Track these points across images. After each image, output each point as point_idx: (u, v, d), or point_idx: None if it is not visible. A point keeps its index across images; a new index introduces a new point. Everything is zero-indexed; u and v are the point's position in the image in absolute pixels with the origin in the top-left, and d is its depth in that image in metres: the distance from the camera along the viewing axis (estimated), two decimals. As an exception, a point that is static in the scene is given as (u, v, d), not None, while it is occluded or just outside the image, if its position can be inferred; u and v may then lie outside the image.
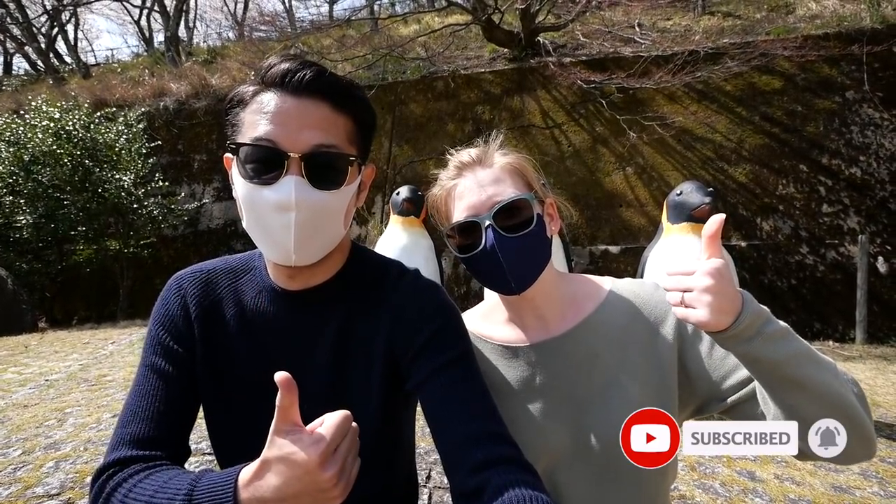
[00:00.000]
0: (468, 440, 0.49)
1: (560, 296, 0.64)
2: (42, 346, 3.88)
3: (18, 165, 5.44)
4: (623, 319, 0.60)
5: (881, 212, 4.34)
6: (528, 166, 0.63)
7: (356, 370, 0.56)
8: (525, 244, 0.57)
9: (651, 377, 0.58)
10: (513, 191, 0.58)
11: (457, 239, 0.61)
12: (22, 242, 5.69)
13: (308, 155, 0.50)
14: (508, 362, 0.63)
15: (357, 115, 0.54)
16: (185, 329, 0.58)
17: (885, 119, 4.44)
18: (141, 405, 0.54)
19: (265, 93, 0.51)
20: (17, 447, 1.87)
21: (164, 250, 6.33)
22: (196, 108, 6.66)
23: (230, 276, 0.61)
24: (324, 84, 0.51)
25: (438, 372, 0.53)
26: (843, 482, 1.64)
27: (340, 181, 0.52)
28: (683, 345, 0.59)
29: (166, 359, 0.56)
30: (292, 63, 0.51)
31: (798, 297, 4.37)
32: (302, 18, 10.35)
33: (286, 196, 0.49)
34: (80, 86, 8.24)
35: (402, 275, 0.60)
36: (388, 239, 2.96)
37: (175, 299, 0.59)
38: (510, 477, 0.45)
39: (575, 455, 0.58)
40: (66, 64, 11.25)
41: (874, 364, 3.28)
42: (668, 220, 2.26)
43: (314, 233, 0.51)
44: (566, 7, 5.58)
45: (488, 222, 0.57)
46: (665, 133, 4.71)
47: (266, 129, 0.49)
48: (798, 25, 5.09)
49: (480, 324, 0.68)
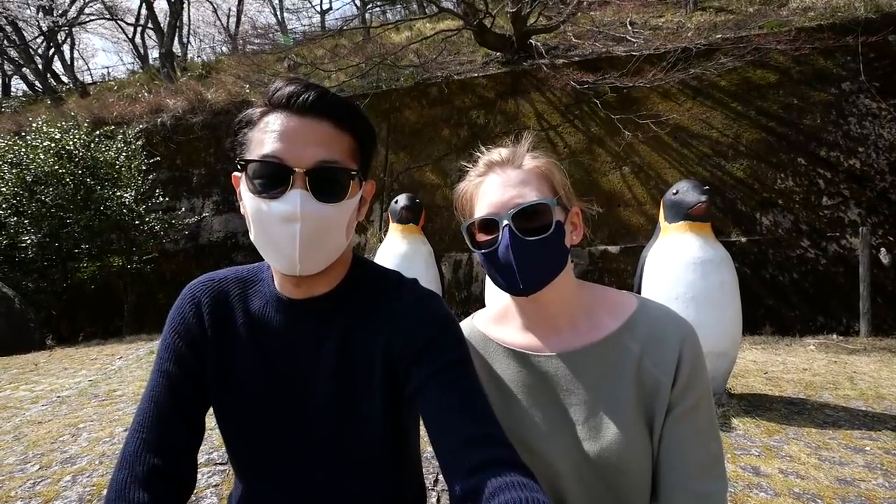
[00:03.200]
0: (464, 443, 0.49)
1: (577, 307, 0.64)
2: (51, 364, 3.91)
3: (22, 186, 5.50)
4: (638, 347, 0.60)
5: (882, 203, 4.32)
6: (555, 171, 0.63)
7: (360, 378, 0.58)
8: (539, 248, 0.58)
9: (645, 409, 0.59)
10: (536, 195, 0.59)
11: (477, 234, 0.62)
12: (27, 262, 5.74)
13: (312, 170, 0.52)
14: (518, 367, 0.63)
15: (358, 133, 0.57)
16: (199, 336, 0.60)
17: (882, 109, 4.42)
18: (154, 411, 0.56)
19: (272, 114, 0.54)
20: (34, 462, 1.90)
21: (167, 265, 6.37)
22: (193, 123, 6.71)
23: (240, 285, 0.63)
24: (326, 104, 0.54)
25: (434, 377, 0.54)
26: (847, 475, 1.62)
27: (342, 194, 0.54)
28: (675, 402, 0.59)
29: (179, 365, 0.58)
30: (297, 86, 0.54)
31: (801, 292, 4.36)
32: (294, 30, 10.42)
33: (292, 208, 0.51)
34: (78, 105, 8.31)
35: (400, 284, 0.62)
36: (388, 247, 2.98)
37: (190, 307, 0.61)
38: (507, 479, 0.46)
39: (573, 467, 0.59)
40: (64, 84, 11.34)
41: (879, 356, 3.26)
42: (666, 220, 2.27)
43: (318, 243, 0.53)
44: (557, 9, 5.59)
45: (506, 222, 0.58)
46: (660, 131, 4.71)
47: (273, 146, 0.52)
48: (791, 18, 5.08)
49: (492, 326, 0.68)
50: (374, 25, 7.61)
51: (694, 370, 0.58)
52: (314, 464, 0.58)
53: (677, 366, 0.58)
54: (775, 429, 1.99)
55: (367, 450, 0.58)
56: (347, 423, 0.57)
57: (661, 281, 2.17)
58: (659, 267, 2.20)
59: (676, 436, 0.57)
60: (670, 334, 0.59)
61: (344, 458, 0.58)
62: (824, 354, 3.35)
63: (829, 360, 3.18)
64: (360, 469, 0.59)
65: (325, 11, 13.71)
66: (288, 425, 0.58)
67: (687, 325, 0.61)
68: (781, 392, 2.47)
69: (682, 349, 0.58)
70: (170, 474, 0.55)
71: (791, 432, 1.95)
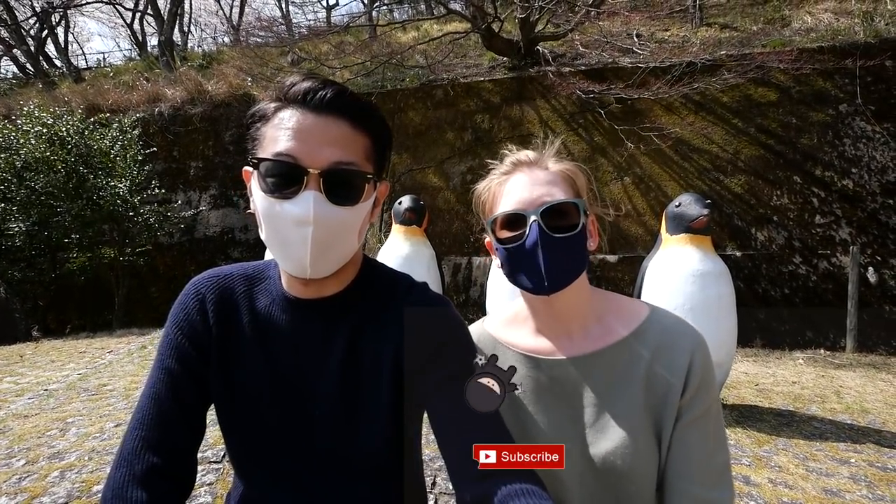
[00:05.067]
0: (473, 449, 0.49)
1: (589, 312, 0.64)
2: (37, 356, 3.81)
3: (10, 172, 5.35)
4: (648, 354, 0.60)
5: (872, 223, 4.43)
6: (581, 175, 0.65)
7: (366, 381, 0.57)
8: (567, 246, 0.59)
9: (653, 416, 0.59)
10: (564, 195, 0.60)
11: (499, 230, 0.62)
12: (14, 250, 5.59)
13: (327, 171, 0.51)
14: (528, 371, 0.63)
15: (375, 134, 0.56)
16: (202, 333, 0.58)
17: (876, 132, 4.53)
18: (154, 408, 0.55)
19: (286, 109, 0.53)
20: (20, 457, 1.84)
21: (160, 258, 6.25)
22: (192, 115, 6.60)
23: (246, 282, 0.62)
24: (344, 103, 0.52)
25: (445, 383, 0.54)
26: (833, 486, 1.66)
27: (357, 198, 0.53)
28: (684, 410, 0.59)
29: (182, 362, 0.57)
30: (314, 82, 0.52)
31: (791, 306, 4.44)
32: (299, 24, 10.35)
33: (305, 211, 0.50)
34: (71, 90, 8.12)
35: (411, 288, 0.62)
36: (390, 248, 2.97)
37: (194, 303, 0.59)
38: (516, 486, 0.46)
39: (577, 473, 0.59)
40: (57, 68, 11.08)
41: (864, 372, 3.35)
42: (667, 231, 2.30)
43: (330, 247, 0.52)
44: (565, 17, 5.63)
45: (535, 218, 0.58)
46: (662, 144, 4.77)
47: (287, 144, 0.51)
48: (793, 38, 5.18)
49: (504, 330, 0.68)
50: (380, 24, 7.57)
51: (704, 378, 0.58)
52: (317, 465, 0.57)
53: (687, 373, 0.58)
54: (765, 439, 2.03)
55: (370, 452, 0.58)
56: (351, 425, 0.57)
57: (661, 291, 2.19)
58: (659, 277, 2.23)
59: (684, 443, 0.57)
60: (681, 342, 0.60)
61: (347, 460, 0.57)
62: (812, 368, 3.43)
63: (816, 373, 3.25)
64: (363, 471, 0.58)
65: (331, 7, 13.62)
66: (291, 426, 0.57)
67: (697, 334, 0.61)
68: (771, 404, 2.52)
69: (692, 357, 0.58)
70: (169, 474, 0.54)
71: (780, 443, 1.99)
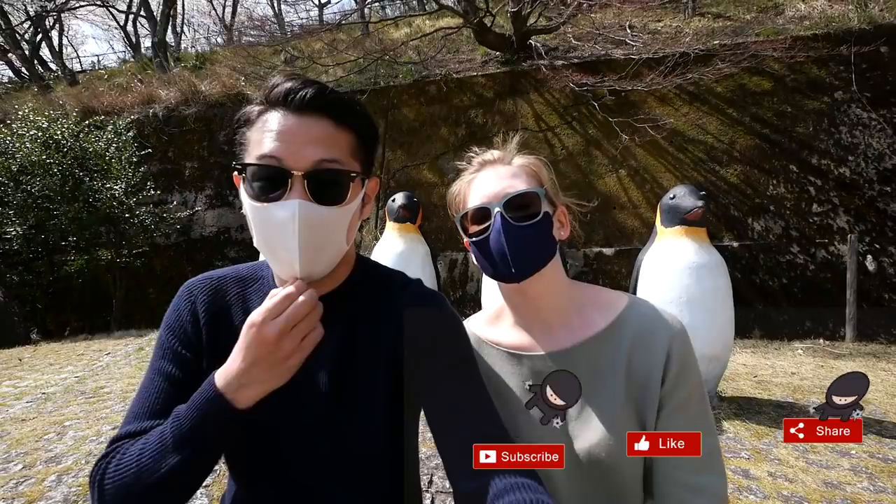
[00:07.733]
0: (468, 443, 0.49)
1: (568, 304, 0.66)
2: (36, 359, 3.83)
3: (7, 176, 5.36)
4: (627, 345, 0.61)
5: (870, 211, 4.41)
6: (543, 168, 0.67)
7: (362, 378, 0.57)
8: (529, 234, 0.61)
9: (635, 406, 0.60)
10: (525, 186, 0.63)
11: (470, 225, 0.65)
12: (12, 254, 5.61)
13: (311, 172, 0.51)
14: (512, 368, 0.64)
15: (359, 130, 0.56)
16: (194, 335, 0.59)
17: (872, 119, 4.51)
18: (144, 407, 0.55)
19: (269, 112, 0.53)
20: (17, 461, 1.85)
21: (157, 259, 6.25)
22: (186, 115, 6.59)
23: (239, 284, 0.62)
24: (325, 101, 0.52)
25: (440, 378, 0.54)
26: (834, 478, 1.66)
27: (343, 197, 0.53)
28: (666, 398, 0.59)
29: (174, 364, 0.57)
30: (295, 82, 0.52)
31: (789, 296, 4.44)
32: (292, 23, 10.29)
33: (290, 214, 0.50)
34: (66, 93, 8.12)
35: (406, 284, 0.62)
36: (384, 245, 2.96)
37: (186, 306, 0.60)
38: (511, 480, 0.47)
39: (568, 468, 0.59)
40: (52, 71, 11.07)
41: (864, 361, 3.34)
42: (662, 224, 2.29)
43: (318, 249, 0.52)
44: (557, 10, 5.60)
45: (498, 209, 0.61)
46: (657, 135, 4.75)
47: (270, 146, 0.51)
48: (787, 27, 5.15)
49: (486, 329, 0.70)
50: (373, 20, 7.54)
51: (683, 366, 0.59)
52: (312, 465, 0.57)
53: (666, 362, 0.59)
54: (764, 432, 2.02)
55: (366, 450, 0.58)
56: (347, 423, 0.57)
57: (657, 284, 2.19)
58: (654, 270, 2.22)
59: (668, 430, 0.58)
60: (659, 331, 0.61)
61: (342, 460, 0.57)
62: (811, 358, 3.42)
63: (816, 364, 3.24)
64: (359, 470, 0.58)
65: (323, 4, 13.56)
66: (285, 426, 0.57)
67: (675, 322, 0.62)
68: (770, 395, 2.51)
69: (671, 345, 0.59)
70: None
71: (779, 435, 1.98)
